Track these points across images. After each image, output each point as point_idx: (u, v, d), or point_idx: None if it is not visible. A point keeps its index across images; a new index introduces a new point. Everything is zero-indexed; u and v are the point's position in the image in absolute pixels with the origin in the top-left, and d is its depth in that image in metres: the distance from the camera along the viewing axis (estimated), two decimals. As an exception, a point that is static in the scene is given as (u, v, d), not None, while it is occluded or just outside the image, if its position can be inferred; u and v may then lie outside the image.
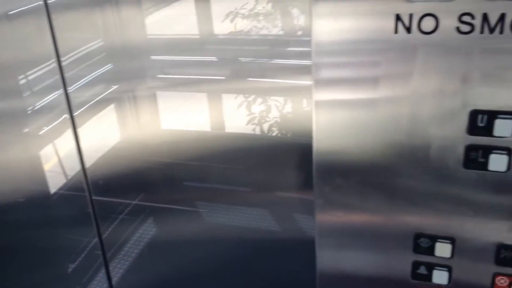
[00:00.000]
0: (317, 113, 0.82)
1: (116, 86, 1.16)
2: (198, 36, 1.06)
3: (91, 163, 1.24)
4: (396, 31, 0.72)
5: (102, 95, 1.17)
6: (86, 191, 1.26)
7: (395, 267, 0.89)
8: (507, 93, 0.72)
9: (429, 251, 0.85)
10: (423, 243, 0.85)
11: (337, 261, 0.93)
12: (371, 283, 0.92)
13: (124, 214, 1.28)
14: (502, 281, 0.84)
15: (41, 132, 1.28)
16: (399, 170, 0.82)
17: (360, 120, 0.80)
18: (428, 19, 0.70)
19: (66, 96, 1.16)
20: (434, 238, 0.84)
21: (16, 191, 1.36)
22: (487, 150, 0.76)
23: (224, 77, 1.08)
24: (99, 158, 1.23)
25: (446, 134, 0.77)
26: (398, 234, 0.87)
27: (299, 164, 1.07)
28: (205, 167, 1.17)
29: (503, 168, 0.76)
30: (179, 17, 1.07)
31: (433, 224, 0.84)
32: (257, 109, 1.07)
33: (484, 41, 0.70)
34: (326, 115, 0.82)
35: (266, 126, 1.08)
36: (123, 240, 1.32)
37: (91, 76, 1.15)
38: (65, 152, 1.27)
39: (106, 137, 1.22)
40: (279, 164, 1.11)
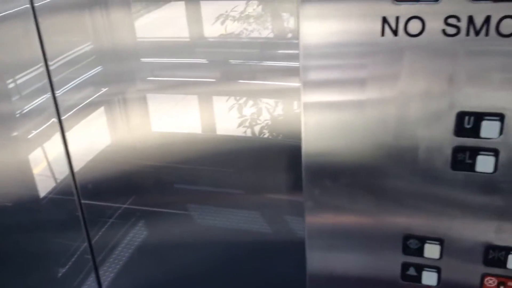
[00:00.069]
0: (306, 115, 0.82)
1: (106, 89, 1.15)
2: (189, 39, 1.06)
3: (81, 167, 1.23)
4: (383, 34, 0.72)
5: (92, 98, 1.17)
6: (75, 195, 1.25)
7: (385, 269, 0.89)
8: (494, 95, 0.73)
9: (418, 252, 0.86)
10: (412, 245, 0.86)
11: (327, 263, 0.93)
12: (361, 285, 0.93)
13: (114, 218, 1.27)
14: (491, 282, 0.84)
15: (30, 136, 1.27)
16: (388, 172, 0.82)
17: (349, 122, 0.80)
18: (414, 22, 0.71)
19: (54, 100, 1.16)
20: (423, 239, 0.85)
21: (4, 195, 1.35)
22: (474, 152, 0.76)
23: (215, 80, 1.08)
24: (89, 162, 1.22)
25: (434, 136, 0.77)
26: (387, 236, 0.87)
27: (290, 166, 1.08)
28: (196, 170, 1.16)
29: (490, 170, 0.77)
30: (170, 20, 1.07)
31: (422, 225, 0.84)
32: (248, 112, 1.07)
33: (470, 43, 0.70)
34: (315, 117, 0.82)
35: (257, 129, 1.08)
36: (113, 244, 1.31)
37: (81, 79, 1.15)
38: (54, 156, 1.26)
39: (96, 140, 1.22)
40: (270, 166, 1.11)
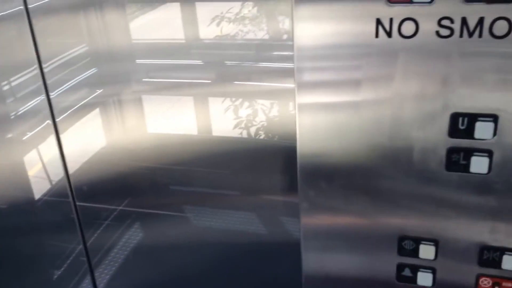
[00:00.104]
0: (300, 117, 0.82)
1: (101, 91, 1.15)
2: (184, 40, 1.06)
3: (76, 169, 1.23)
4: (377, 35, 0.73)
5: (87, 100, 1.16)
6: (70, 197, 1.24)
7: (380, 269, 0.90)
8: (487, 96, 0.73)
9: (413, 253, 0.86)
10: (407, 245, 0.86)
11: (323, 264, 0.93)
12: (357, 285, 0.93)
13: (110, 220, 1.27)
14: (486, 282, 0.84)
15: (25, 138, 1.27)
16: (383, 173, 0.82)
17: (343, 123, 0.81)
18: (408, 23, 0.71)
19: (49, 102, 1.15)
20: (418, 240, 0.85)
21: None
22: (469, 153, 0.76)
23: (210, 81, 1.08)
24: (84, 163, 1.22)
25: (428, 137, 0.78)
26: (383, 237, 0.87)
27: (286, 167, 1.08)
28: (191, 172, 1.16)
29: (485, 170, 0.77)
30: (165, 21, 1.07)
31: (417, 226, 0.85)
32: (244, 113, 1.07)
33: (464, 45, 0.70)
34: (309, 119, 0.82)
35: (253, 130, 1.08)
36: (109, 246, 1.31)
37: (76, 81, 1.15)
38: (49, 158, 1.25)
39: (91, 142, 1.21)
40: (266, 168, 1.11)
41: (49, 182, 1.30)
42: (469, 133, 0.75)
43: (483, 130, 0.74)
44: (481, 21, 0.68)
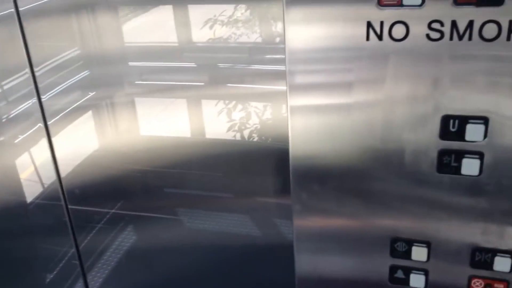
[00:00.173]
0: (292, 119, 0.82)
1: (94, 93, 1.15)
2: (177, 43, 1.06)
3: (68, 172, 1.22)
4: (368, 38, 0.73)
5: (80, 102, 1.16)
6: (62, 200, 1.24)
7: (373, 271, 0.90)
8: (478, 98, 0.73)
9: (406, 255, 0.86)
10: (400, 247, 0.86)
11: (316, 266, 0.93)
12: (350, 287, 0.93)
13: (102, 223, 1.27)
14: (478, 284, 0.85)
15: (17, 141, 1.26)
16: (375, 175, 0.83)
17: (335, 126, 0.81)
18: (399, 26, 0.71)
19: (40, 105, 1.15)
20: (410, 242, 0.85)
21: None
22: (460, 155, 0.77)
23: (203, 83, 1.08)
24: (76, 166, 1.22)
25: (420, 139, 0.78)
26: (375, 239, 0.87)
27: (279, 170, 1.08)
28: (184, 174, 1.16)
29: (476, 172, 0.77)
30: (158, 24, 1.06)
31: (409, 228, 0.85)
32: (237, 116, 1.07)
33: (454, 48, 0.71)
34: (301, 121, 0.82)
35: (246, 133, 1.08)
36: (101, 250, 1.30)
37: (68, 83, 1.14)
38: (42, 161, 1.25)
39: (84, 145, 1.21)
40: (259, 170, 1.11)
41: (41, 185, 1.29)
42: (460, 135, 0.75)
43: (474, 132, 0.75)
44: (471, 24, 0.68)
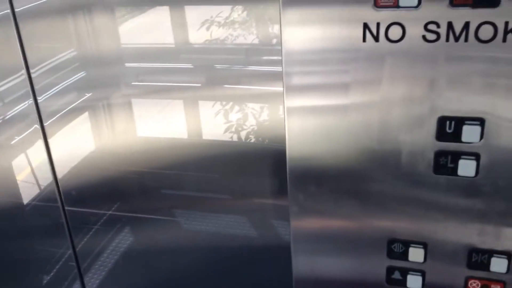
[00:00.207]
0: (289, 120, 0.82)
1: (90, 95, 1.15)
2: (174, 44, 1.05)
3: (65, 173, 1.22)
4: (364, 40, 0.73)
5: (76, 103, 1.16)
6: (59, 202, 1.24)
7: (370, 272, 0.90)
8: (474, 100, 0.73)
9: (403, 256, 0.86)
10: (397, 248, 0.86)
11: (313, 267, 0.93)
12: (347, 289, 0.93)
13: (99, 225, 1.26)
14: (474, 285, 0.85)
15: (13, 142, 1.26)
16: (371, 176, 0.83)
17: (332, 127, 0.81)
18: (395, 28, 0.71)
19: (36, 106, 1.15)
20: (407, 243, 0.85)
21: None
22: (456, 156, 0.77)
23: (200, 84, 1.08)
24: (73, 168, 1.21)
25: (416, 140, 0.78)
26: (372, 240, 0.87)
27: (276, 171, 1.08)
28: (181, 175, 1.16)
29: (472, 173, 0.77)
30: (155, 24, 1.06)
31: (406, 229, 0.85)
32: (234, 117, 1.07)
33: (450, 49, 0.71)
34: (298, 122, 0.82)
35: (243, 134, 1.08)
36: (98, 251, 1.30)
37: (64, 84, 1.14)
38: (38, 162, 1.24)
39: (80, 146, 1.21)
40: (256, 171, 1.10)
41: (38, 187, 1.29)
42: (457, 137, 0.75)
43: (470, 134, 0.75)
44: (467, 26, 0.69)
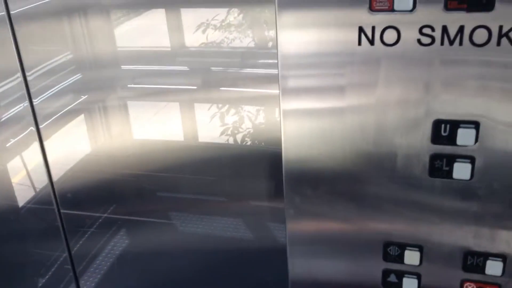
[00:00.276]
0: (285, 123, 0.82)
1: (86, 97, 1.14)
2: (170, 47, 1.05)
3: (60, 176, 1.22)
4: (360, 43, 0.73)
5: (72, 106, 1.15)
6: (54, 205, 1.23)
7: (366, 275, 0.90)
8: (469, 103, 0.74)
9: (399, 259, 0.86)
10: (392, 251, 0.86)
11: (309, 269, 0.93)
12: (342, 292, 0.93)
13: (95, 227, 1.26)
14: (470, 287, 0.85)
15: (8, 145, 1.25)
16: (367, 179, 0.83)
17: (328, 130, 0.81)
18: (390, 31, 0.71)
19: (32, 108, 1.14)
20: (403, 246, 0.85)
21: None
22: (451, 159, 0.77)
23: (196, 87, 1.08)
24: (68, 170, 1.21)
25: (411, 143, 0.78)
26: (368, 242, 0.87)
27: (272, 173, 1.08)
28: (177, 178, 1.16)
29: (467, 177, 0.77)
30: (151, 27, 1.06)
31: (402, 232, 0.85)
32: (230, 120, 1.07)
33: (445, 53, 0.71)
34: (294, 125, 0.82)
35: (239, 137, 1.08)
36: (94, 254, 1.30)
37: (60, 87, 1.14)
38: (34, 165, 1.24)
39: (76, 149, 1.20)
40: (252, 174, 1.10)
41: (33, 190, 1.29)
42: (452, 140, 0.76)
43: (465, 137, 0.75)
44: (462, 30, 0.69)
